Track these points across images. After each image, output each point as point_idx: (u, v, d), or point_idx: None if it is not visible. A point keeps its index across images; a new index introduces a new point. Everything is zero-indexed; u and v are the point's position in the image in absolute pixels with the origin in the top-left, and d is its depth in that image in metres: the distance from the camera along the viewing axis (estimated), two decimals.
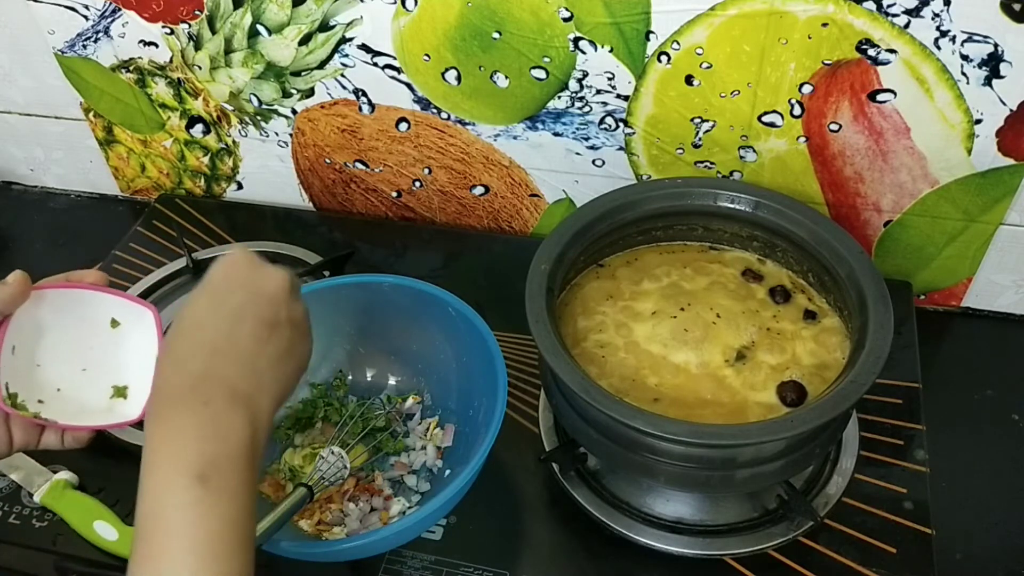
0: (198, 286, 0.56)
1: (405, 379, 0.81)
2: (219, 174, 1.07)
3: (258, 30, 0.89)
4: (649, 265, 0.78)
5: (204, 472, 0.47)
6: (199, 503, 0.47)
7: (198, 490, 0.47)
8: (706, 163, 0.87)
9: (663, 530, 0.70)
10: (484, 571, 0.69)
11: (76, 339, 0.60)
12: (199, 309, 0.55)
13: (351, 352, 0.81)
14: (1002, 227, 0.83)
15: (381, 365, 0.82)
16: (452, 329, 0.75)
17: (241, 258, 0.57)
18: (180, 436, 0.49)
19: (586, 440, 0.67)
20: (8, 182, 1.18)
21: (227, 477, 0.48)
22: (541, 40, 0.81)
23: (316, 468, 0.67)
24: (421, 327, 0.78)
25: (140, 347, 0.61)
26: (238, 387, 0.52)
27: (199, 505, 0.47)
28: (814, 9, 0.72)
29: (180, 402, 0.50)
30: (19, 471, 0.76)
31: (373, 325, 0.80)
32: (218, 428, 0.50)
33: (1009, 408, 0.81)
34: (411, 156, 0.97)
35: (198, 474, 0.47)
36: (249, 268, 0.57)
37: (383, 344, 0.81)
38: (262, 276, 0.57)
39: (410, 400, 0.79)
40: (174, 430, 0.49)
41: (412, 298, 0.76)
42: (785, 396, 0.66)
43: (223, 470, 0.48)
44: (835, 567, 0.68)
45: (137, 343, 0.61)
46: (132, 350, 0.61)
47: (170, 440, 0.49)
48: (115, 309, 0.61)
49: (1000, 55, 0.71)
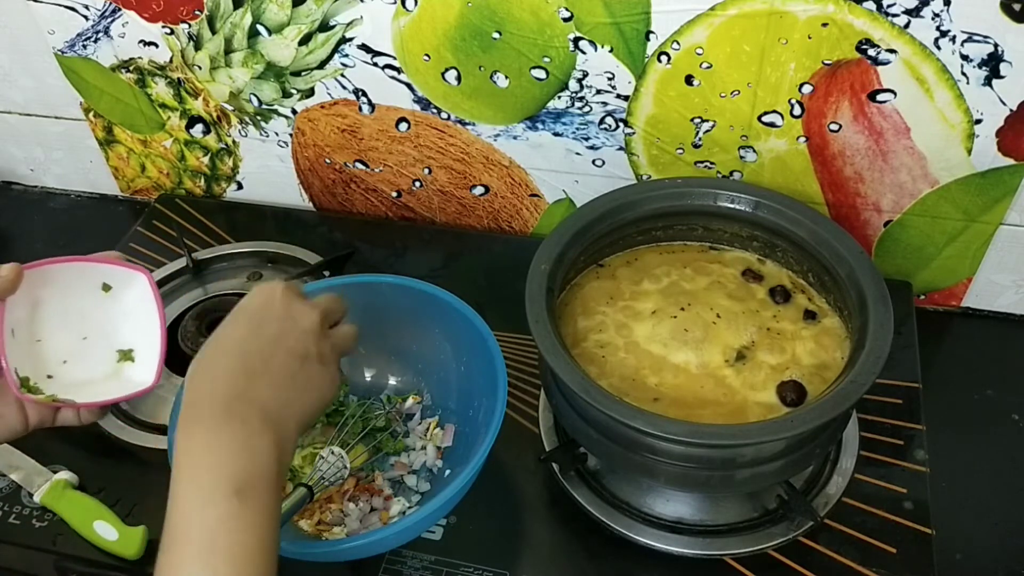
0: (235, 309, 0.59)
1: (405, 379, 0.81)
2: (219, 174, 1.07)
3: (258, 30, 0.89)
4: (649, 265, 0.78)
5: (241, 488, 0.49)
6: (237, 518, 0.48)
7: (235, 504, 0.49)
8: (706, 163, 0.87)
9: (663, 530, 0.70)
10: (484, 571, 0.69)
11: (71, 310, 0.60)
12: (237, 331, 0.57)
13: (351, 352, 0.81)
14: (1002, 227, 0.83)
15: (381, 365, 0.82)
16: (452, 329, 0.75)
17: (280, 290, 0.60)
18: (219, 451, 0.51)
19: (586, 440, 0.67)
20: (8, 182, 1.18)
21: (261, 494, 0.50)
22: (541, 40, 0.81)
23: (316, 468, 0.67)
24: (421, 327, 0.78)
25: (137, 310, 0.61)
26: (271, 409, 0.54)
27: (236, 520, 0.48)
28: (814, 9, 0.72)
29: (219, 418, 0.52)
30: (19, 471, 0.76)
31: (373, 325, 0.80)
32: (254, 447, 0.52)
33: (1009, 408, 0.81)
34: (411, 156, 0.97)
35: (236, 489, 0.49)
36: (285, 301, 0.59)
37: (383, 344, 0.81)
38: (297, 311, 0.59)
39: (410, 400, 0.79)
40: (213, 444, 0.51)
41: (412, 298, 0.76)
42: (785, 396, 0.66)
43: (258, 487, 0.50)
44: (835, 567, 0.68)
45: (133, 306, 0.61)
46: (129, 314, 0.61)
47: (209, 453, 0.51)
48: (105, 275, 0.61)
49: (1000, 55, 0.71)
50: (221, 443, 0.51)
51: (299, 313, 0.59)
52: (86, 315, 0.61)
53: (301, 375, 0.57)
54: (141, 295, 0.61)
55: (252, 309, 0.59)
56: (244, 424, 0.52)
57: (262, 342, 0.57)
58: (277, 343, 0.57)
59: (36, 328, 0.59)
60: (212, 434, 0.51)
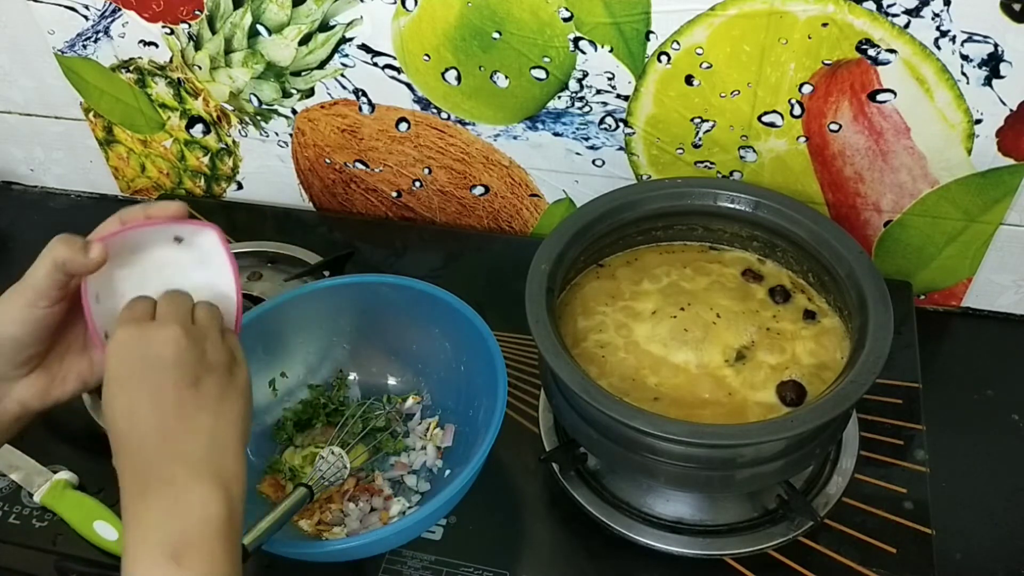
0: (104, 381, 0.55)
1: (405, 379, 0.81)
2: (219, 174, 1.07)
3: (258, 30, 0.89)
4: (649, 265, 0.78)
5: (177, 550, 0.48)
6: None
7: (172, 569, 0.48)
8: (706, 163, 0.87)
9: (663, 530, 0.70)
10: (484, 571, 0.69)
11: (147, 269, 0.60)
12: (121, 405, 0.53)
13: (351, 352, 0.81)
14: (1002, 227, 0.83)
15: (381, 365, 0.82)
16: (452, 329, 0.75)
17: (123, 337, 0.55)
18: (148, 517, 0.50)
19: (586, 440, 0.67)
20: (8, 182, 1.18)
21: (201, 551, 0.49)
22: (541, 40, 0.81)
23: (316, 468, 0.68)
24: (421, 327, 0.78)
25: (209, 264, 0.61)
26: (196, 456, 0.52)
27: None
28: (814, 9, 0.72)
29: (145, 483, 0.51)
30: (19, 471, 0.76)
31: (373, 325, 0.80)
32: (185, 504, 0.50)
33: (1009, 408, 0.81)
34: (411, 156, 0.97)
35: (171, 553, 0.48)
36: (137, 342, 0.54)
37: (383, 344, 0.81)
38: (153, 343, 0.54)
39: (410, 400, 0.79)
40: (142, 512, 0.50)
41: (412, 298, 0.76)
42: (785, 396, 0.66)
43: (196, 545, 0.49)
44: (835, 567, 0.68)
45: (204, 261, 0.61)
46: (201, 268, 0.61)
47: (140, 522, 0.50)
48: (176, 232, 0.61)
49: (1000, 55, 0.71)
50: (149, 509, 0.50)
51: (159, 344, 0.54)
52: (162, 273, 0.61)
53: (203, 398, 0.54)
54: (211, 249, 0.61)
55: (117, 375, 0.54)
56: (170, 486, 0.50)
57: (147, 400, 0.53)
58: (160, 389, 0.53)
59: (116, 290, 0.59)
60: (141, 503, 0.50)
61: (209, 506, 0.51)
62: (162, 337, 0.55)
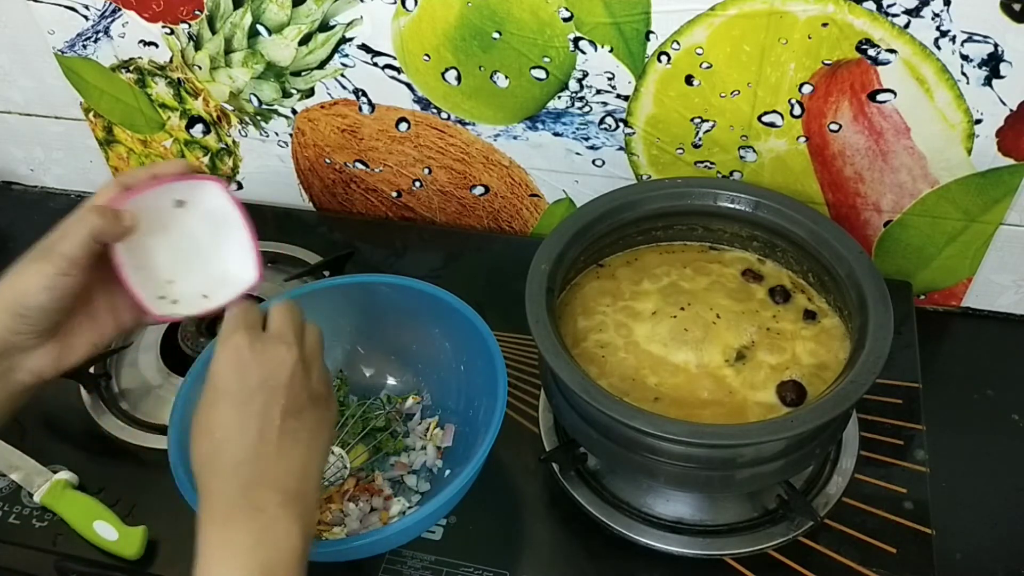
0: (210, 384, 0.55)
1: (405, 379, 0.81)
2: (219, 174, 1.07)
3: (258, 30, 0.89)
4: (649, 265, 0.78)
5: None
6: None
7: None
8: (706, 163, 0.87)
9: (663, 530, 0.70)
10: (484, 571, 0.69)
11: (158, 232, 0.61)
12: (224, 418, 0.54)
13: (351, 352, 0.81)
14: (1002, 227, 0.83)
15: (381, 365, 0.82)
16: (452, 329, 0.75)
17: (244, 344, 0.55)
18: (236, 543, 0.50)
19: (586, 440, 0.67)
20: (8, 182, 1.18)
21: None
22: (541, 40, 0.81)
23: None
24: (421, 327, 0.78)
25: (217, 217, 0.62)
26: (288, 487, 0.53)
27: None
28: (814, 9, 0.72)
29: (235, 507, 0.51)
30: (19, 471, 0.76)
31: (373, 325, 0.80)
32: (273, 533, 0.50)
33: (1009, 408, 0.81)
34: (411, 156, 0.97)
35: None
36: (256, 356, 0.55)
37: (383, 344, 0.81)
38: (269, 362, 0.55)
39: (410, 400, 0.79)
40: (230, 536, 0.50)
41: (412, 298, 0.76)
42: (785, 396, 0.66)
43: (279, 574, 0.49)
44: (835, 567, 0.68)
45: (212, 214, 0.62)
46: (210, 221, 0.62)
47: (227, 546, 0.50)
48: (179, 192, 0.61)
49: (1000, 55, 0.71)
50: (238, 534, 0.50)
51: (276, 364, 0.55)
52: (173, 233, 0.61)
53: (304, 430, 0.55)
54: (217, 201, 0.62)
55: (228, 383, 0.54)
56: (261, 513, 0.51)
57: (254, 420, 0.53)
58: (268, 413, 0.54)
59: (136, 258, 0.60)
60: (229, 531, 0.50)
61: (292, 538, 0.51)
62: (279, 357, 0.55)
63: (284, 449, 0.54)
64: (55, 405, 0.83)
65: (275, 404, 0.54)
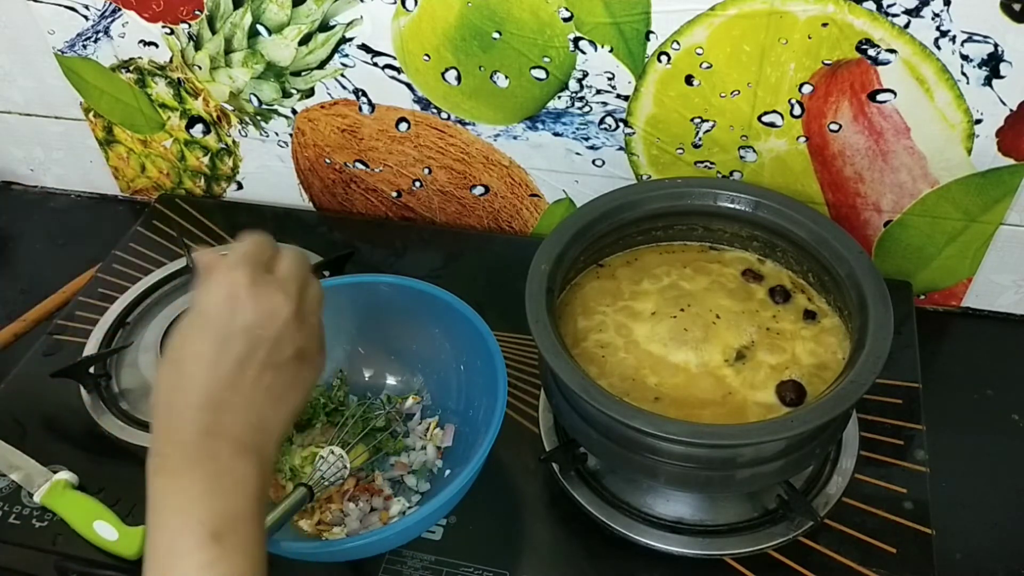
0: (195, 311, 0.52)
1: (405, 379, 0.81)
2: (219, 174, 1.07)
3: (258, 30, 0.89)
4: (649, 265, 0.78)
5: (218, 530, 0.46)
6: (217, 562, 0.46)
7: (215, 549, 0.46)
8: (706, 163, 0.87)
9: (663, 530, 0.70)
10: (484, 571, 0.69)
11: None
12: (199, 347, 0.51)
13: (351, 352, 0.81)
14: (1002, 227, 0.83)
15: (381, 365, 0.82)
16: (452, 329, 0.75)
17: (244, 281, 0.51)
18: (190, 492, 0.48)
19: (586, 440, 0.67)
20: (8, 182, 1.18)
21: (240, 533, 0.47)
22: (541, 40, 0.81)
23: (316, 468, 0.67)
24: (421, 327, 0.78)
25: None
26: (245, 438, 0.50)
27: (217, 564, 0.46)
28: (814, 9, 0.72)
29: (187, 457, 0.49)
30: (19, 471, 0.76)
31: (373, 325, 0.80)
32: (228, 482, 0.48)
33: (1009, 408, 0.81)
34: (411, 156, 0.97)
35: (212, 532, 0.46)
36: (252, 296, 0.51)
37: (383, 344, 0.81)
38: (268, 305, 0.52)
39: (410, 400, 0.79)
40: (183, 486, 0.48)
41: (411, 298, 0.76)
42: (784, 396, 0.66)
43: (236, 526, 0.47)
44: (835, 567, 0.68)
45: None
46: None
47: (180, 496, 0.48)
48: None
49: (1000, 55, 0.71)
50: (192, 484, 0.48)
51: (269, 312, 0.52)
52: None
53: (279, 385, 0.52)
54: None
55: (215, 315, 0.51)
56: (215, 460, 0.48)
57: (227, 364, 0.50)
58: (248, 361, 0.51)
59: None
60: (181, 479, 0.48)
61: (249, 485, 0.49)
62: (275, 306, 0.52)
63: (253, 402, 0.51)
64: (55, 405, 0.83)
65: (255, 354, 0.51)
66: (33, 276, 1.02)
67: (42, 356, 0.88)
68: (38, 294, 0.96)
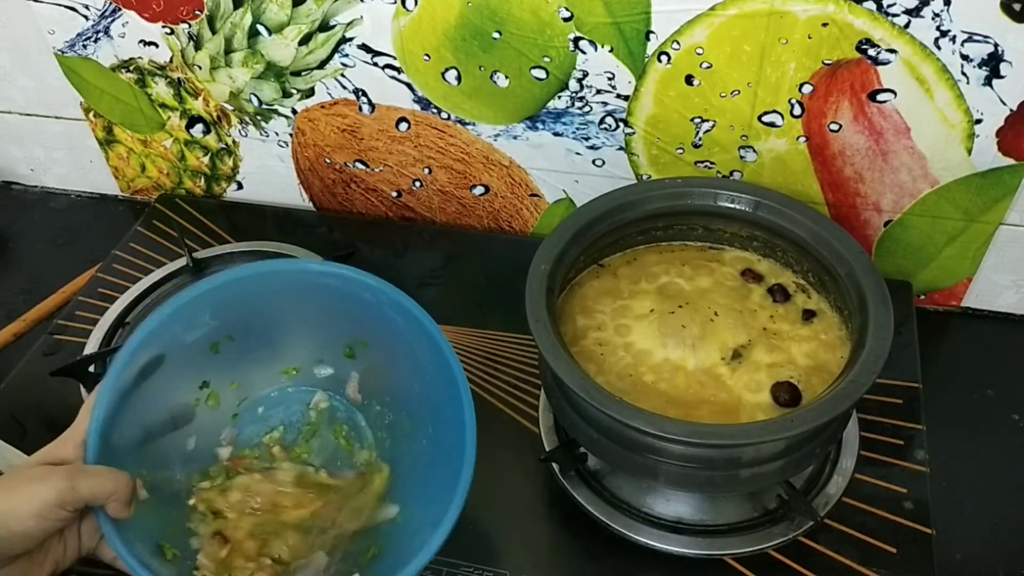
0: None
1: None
2: (219, 174, 1.07)
3: (258, 30, 0.89)
4: (649, 264, 0.78)
5: None
6: None
7: None
8: (706, 163, 0.87)
9: (663, 530, 0.70)
10: (484, 571, 0.69)
11: None
12: None
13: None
14: (1002, 227, 0.83)
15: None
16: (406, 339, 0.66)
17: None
18: None
19: (586, 440, 0.67)
20: (8, 182, 1.18)
21: None
22: (541, 40, 0.81)
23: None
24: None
25: None
26: None
27: None
28: (814, 9, 0.72)
29: None
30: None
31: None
32: None
33: (1009, 408, 0.81)
34: (411, 156, 0.97)
35: None
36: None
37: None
38: None
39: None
40: None
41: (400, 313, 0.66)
42: (779, 396, 0.66)
43: None
44: (835, 567, 0.68)
45: None
46: None
47: None
48: None
49: (1000, 55, 0.71)
50: None
51: None
52: None
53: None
54: None
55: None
56: None
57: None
58: None
59: None
60: None
61: None
62: None
63: None
64: (55, 405, 0.83)
65: None
66: (33, 276, 1.02)
67: (42, 356, 0.88)
68: (38, 294, 0.96)
